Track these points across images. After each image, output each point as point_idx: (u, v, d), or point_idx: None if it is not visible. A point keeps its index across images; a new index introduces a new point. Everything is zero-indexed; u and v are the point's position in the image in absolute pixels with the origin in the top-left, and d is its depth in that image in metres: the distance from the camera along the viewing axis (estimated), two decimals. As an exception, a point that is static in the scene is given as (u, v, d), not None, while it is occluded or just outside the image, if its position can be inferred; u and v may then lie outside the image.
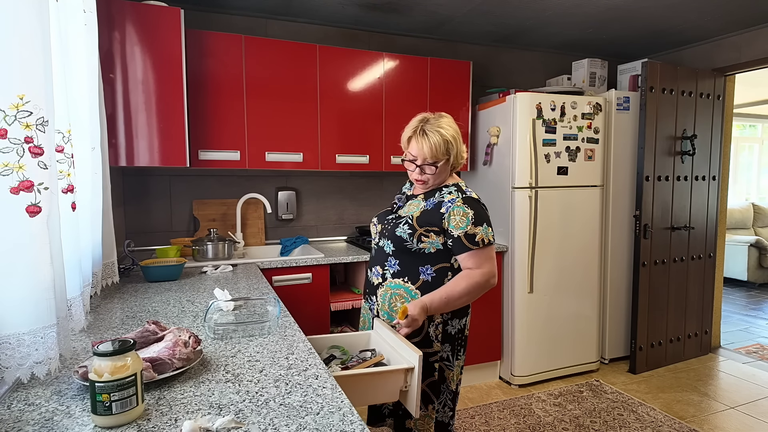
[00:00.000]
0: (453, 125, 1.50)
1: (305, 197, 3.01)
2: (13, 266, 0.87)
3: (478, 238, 1.42)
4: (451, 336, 1.53)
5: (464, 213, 1.42)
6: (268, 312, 1.40)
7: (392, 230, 1.50)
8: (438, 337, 1.51)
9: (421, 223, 1.46)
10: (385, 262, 1.54)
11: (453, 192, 1.48)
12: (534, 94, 2.78)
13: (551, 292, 2.90)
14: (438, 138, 1.44)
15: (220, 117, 2.43)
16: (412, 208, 1.53)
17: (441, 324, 1.50)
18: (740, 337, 3.82)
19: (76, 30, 1.39)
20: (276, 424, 0.77)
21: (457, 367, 1.57)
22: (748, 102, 5.78)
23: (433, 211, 1.47)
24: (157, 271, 1.91)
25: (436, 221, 1.45)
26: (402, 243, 1.47)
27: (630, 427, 2.38)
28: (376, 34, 3.10)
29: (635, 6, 2.67)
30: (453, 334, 1.53)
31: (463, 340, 1.57)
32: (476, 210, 1.43)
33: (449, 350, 1.53)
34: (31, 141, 0.88)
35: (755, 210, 6.05)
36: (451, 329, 1.52)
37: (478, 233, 1.42)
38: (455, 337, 1.54)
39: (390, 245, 1.51)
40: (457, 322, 1.53)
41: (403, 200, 1.62)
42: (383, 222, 1.58)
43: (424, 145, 1.45)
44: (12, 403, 0.85)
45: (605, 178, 3.11)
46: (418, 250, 1.47)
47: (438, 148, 1.45)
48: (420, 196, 1.56)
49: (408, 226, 1.47)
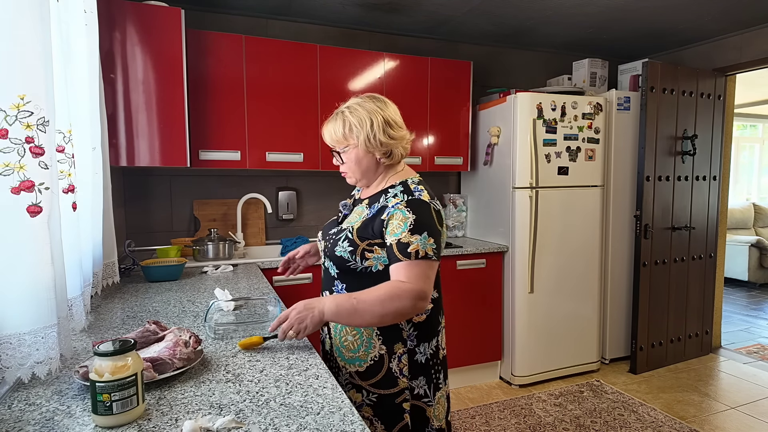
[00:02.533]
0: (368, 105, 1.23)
1: (306, 197, 3.01)
2: (13, 266, 0.87)
3: (411, 249, 1.10)
4: (422, 365, 1.22)
5: (403, 218, 1.13)
6: (269, 312, 1.40)
7: (332, 249, 1.23)
8: (404, 371, 1.20)
9: (361, 235, 1.18)
10: (332, 287, 1.26)
11: (399, 194, 1.20)
12: (534, 94, 2.78)
13: (552, 292, 2.90)
14: (340, 120, 1.22)
15: (220, 117, 2.43)
16: (354, 217, 1.26)
17: (406, 354, 1.20)
18: (741, 338, 3.82)
19: (77, 30, 1.40)
20: (276, 424, 0.77)
21: (441, 398, 1.28)
22: (748, 102, 5.78)
23: (374, 218, 1.19)
24: (158, 271, 1.91)
25: (378, 231, 1.17)
26: (344, 263, 1.20)
27: (630, 428, 2.38)
28: (377, 34, 3.10)
29: (636, 6, 2.67)
30: (425, 363, 1.22)
31: (439, 365, 1.27)
32: (419, 215, 1.13)
33: (424, 383, 1.23)
34: (32, 141, 0.88)
35: (756, 210, 6.05)
36: (420, 357, 1.22)
37: (413, 243, 1.10)
38: (429, 366, 1.23)
39: (333, 267, 1.24)
40: (426, 347, 1.23)
41: (350, 207, 1.36)
42: (326, 238, 1.29)
43: (325, 130, 1.26)
44: (13, 403, 0.85)
45: (606, 178, 3.11)
46: (364, 269, 1.19)
47: (336, 131, 1.22)
48: (365, 201, 1.28)
49: (348, 243, 1.20)
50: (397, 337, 1.21)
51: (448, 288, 2.73)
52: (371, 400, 1.21)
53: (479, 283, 2.84)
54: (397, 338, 1.21)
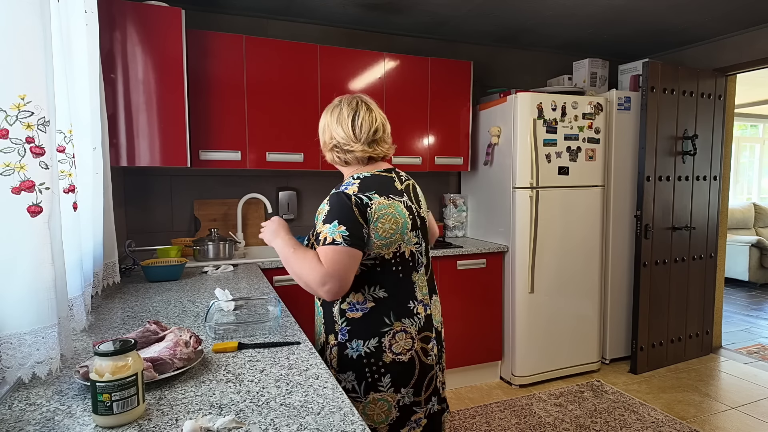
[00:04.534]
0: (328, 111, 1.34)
1: (306, 197, 3.01)
2: (14, 266, 0.87)
3: (321, 236, 1.17)
4: (352, 361, 1.22)
5: (321, 210, 1.22)
6: (269, 312, 1.40)
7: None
8: (332, 363, 1.25)
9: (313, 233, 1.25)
10: None
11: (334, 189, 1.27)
12: (535, 94, 2.78)
13: (552, 292, 2.90)
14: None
15: (221, 117, 2.43)
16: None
17: (336, 347, 1.24)
18: (741, 338, 3.82)
19: (78, 30, 1.40)
20: (277, 424, 0.77)
21: (380, 401, 1.23)
22: (749, 102, 5.77)
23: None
24: (158, 271, 1.91)
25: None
26: None
27: (631, 428, 2.38)
28: (377, 34, 3.10)
29: (636, 6, 2.67)
30: (356, 359, 1.22)
31: (382, 367, 1.22)
32: (333, 205, 1.19)
33: (353, 379, 1.22)
34: (33, 141, 0.88)
35: (756, 210, 6.05)
36: (351, 353, 1.23)
37: (323, 232, 1.17)
38: (363, 364, 1.22)
39: None
40: (361, 345, 1.22)
41: None
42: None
43: None
44: (13, 403, 0.85)
45: (606, 178, 3.11)
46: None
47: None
48: None
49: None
50: (331, 329, 1.26)
51: (448, 288, 2.73)
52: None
53: (479, 283, 2.84)
54: (331, 330, 1.26)
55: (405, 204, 1.27)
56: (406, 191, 1.33)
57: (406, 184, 1.35)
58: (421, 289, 1.30)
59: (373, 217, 1.19)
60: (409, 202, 1.30)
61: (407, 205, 1.28)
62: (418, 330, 1.27)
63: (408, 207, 1.28)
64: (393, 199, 1.25)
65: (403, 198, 1.28)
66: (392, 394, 1.24)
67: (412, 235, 1.27)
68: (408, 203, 1.29)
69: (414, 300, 1.27)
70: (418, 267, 1.29)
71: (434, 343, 1.32)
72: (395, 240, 1.22)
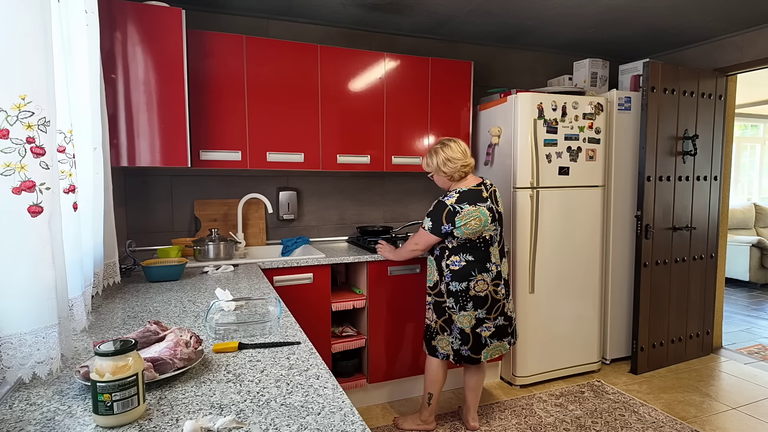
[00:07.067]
0: (439, 150, 2.18)
1: (306, 197, 3.01)
2: (14, 266, 0.87)
3: (423, 224, 2.18)
4: (453, 292, 2.14)
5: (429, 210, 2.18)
6: (269, 312, 1.40)
7: None
8: (442, 291, 2.18)
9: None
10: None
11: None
12: (535, 94, 2.78)
13: (552, 293, 2.90)
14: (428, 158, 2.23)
15: (221, 117, 2.43)
16: None
17: (444, 284, 2.17)
18: (742, 338, 3.82)
19: (78, 30, 1.40)
20: (277, 424, 0.77)
21: (463, 316, 2.14)
22: (749, 102, 5.77)
23: None
24: (159, 271, 1.91)
25: None
26: None
27: (631, 428, 2.38)
28: (378, 34, 3.10)
29: (637, 6, 2.67)
30: (455, 291, 2.13)
31: (470, 298, 2.12)
32: (433, 207, 2.14)
33: (453, 302, 2.14)
34: (33, 141, 0.88)
35: (757, 210, 6.04)
36: (453, 287, 2.14)
37: (424, 221, 2.16)
38: (458, 294, 2.13)
39: None
40: (457, 284, 2.13)
41: None
42: None
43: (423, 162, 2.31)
44: (14, 403, 0.85)
45: (606, 179, 3.11)
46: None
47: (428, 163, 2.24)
48: None
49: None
50: (441, 275, 2.18)
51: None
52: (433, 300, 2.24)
53: (480, 283, 2.83)
54: (441, 275, 2.18)
55: (488, 207, 2.10)
56: (490, 197, 2.14)
57: (491, 191, 2.16)
58: (495, 256, 2.17)
59: (461, 220, 2.05)
60: (491, 204, 2.12)
61: (489, 207, 2.11)
62: (492, 279, 2.16)
63: (489, 208, 2.11)
64: (479, 205, 2.08)
65: (487, 203, 2.10)
66: (473, 311, 2.14)
67: (491, 226, 2.13)
68: (490, 205, 2.11)
69: (489, 262, 2.15)
70: (493, 243, 2.16)
71: (502, 286, 2.20)
72: (479, 231, 2.09)
